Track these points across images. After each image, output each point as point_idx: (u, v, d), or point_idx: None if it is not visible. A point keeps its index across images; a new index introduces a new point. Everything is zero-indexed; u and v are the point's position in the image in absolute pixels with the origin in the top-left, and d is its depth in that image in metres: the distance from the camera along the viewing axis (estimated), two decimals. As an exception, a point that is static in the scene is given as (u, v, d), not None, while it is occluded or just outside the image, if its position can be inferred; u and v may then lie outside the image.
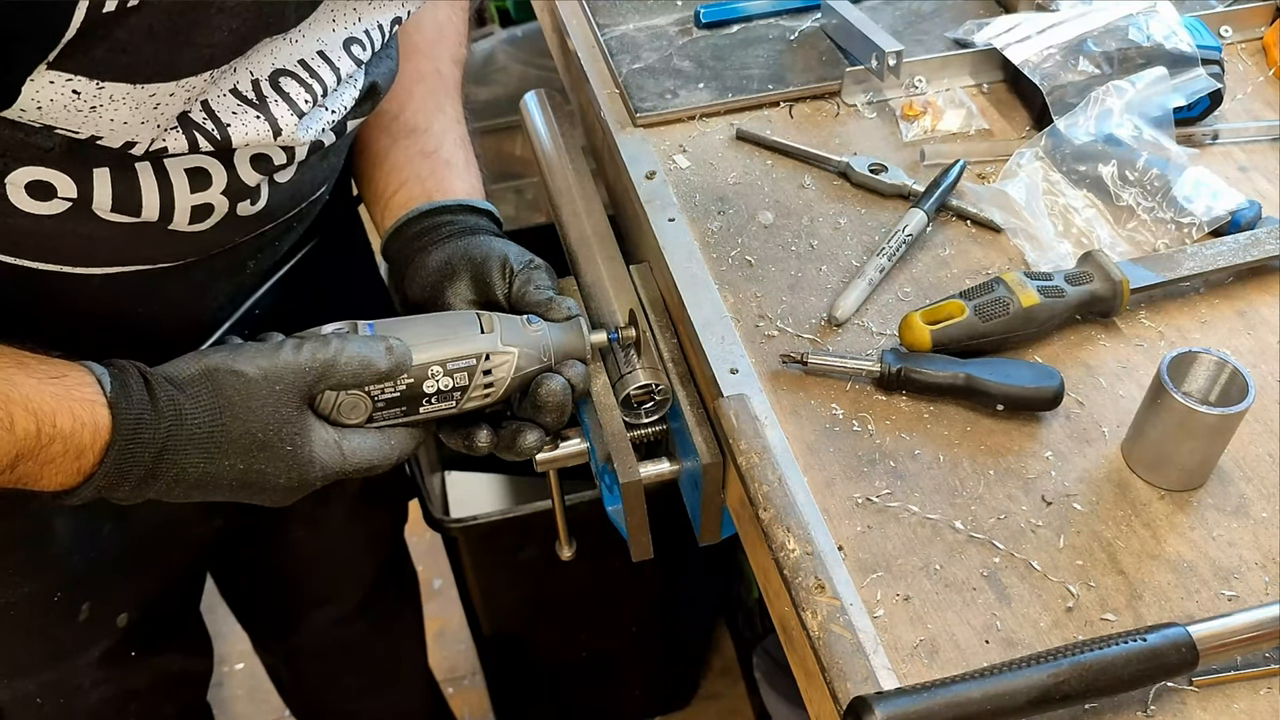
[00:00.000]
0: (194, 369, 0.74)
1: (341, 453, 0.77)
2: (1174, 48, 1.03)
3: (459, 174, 0.95)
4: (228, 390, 0.73)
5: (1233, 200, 0.95)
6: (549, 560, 1.00)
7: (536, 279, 0.85)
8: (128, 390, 0.71)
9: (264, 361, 0.74)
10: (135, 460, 0.71)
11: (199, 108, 0.72)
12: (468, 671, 2.00)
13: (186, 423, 0.72)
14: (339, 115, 0.82)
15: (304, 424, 0.75)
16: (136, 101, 0.67)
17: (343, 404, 0.77)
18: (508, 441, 0.83)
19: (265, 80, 0.75)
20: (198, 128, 0.72)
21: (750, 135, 1.05)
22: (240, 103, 0.74)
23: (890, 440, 0.80)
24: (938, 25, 1.16)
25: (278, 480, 0.76)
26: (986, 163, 1.03)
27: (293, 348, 0.75)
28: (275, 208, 0.85)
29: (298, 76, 0.77)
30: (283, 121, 0.76)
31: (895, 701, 0.61)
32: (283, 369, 0.74)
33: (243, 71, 0.74)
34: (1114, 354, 0.86)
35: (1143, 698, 0.67)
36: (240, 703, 1.97)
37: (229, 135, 0.74)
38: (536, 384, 0.81)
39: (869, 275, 0.90)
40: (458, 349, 0.79)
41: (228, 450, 0.73)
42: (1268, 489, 0.77)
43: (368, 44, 0.81)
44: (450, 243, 0.89)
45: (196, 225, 0.79)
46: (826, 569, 0.70)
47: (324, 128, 0.81)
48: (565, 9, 1.21)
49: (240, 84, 0.74)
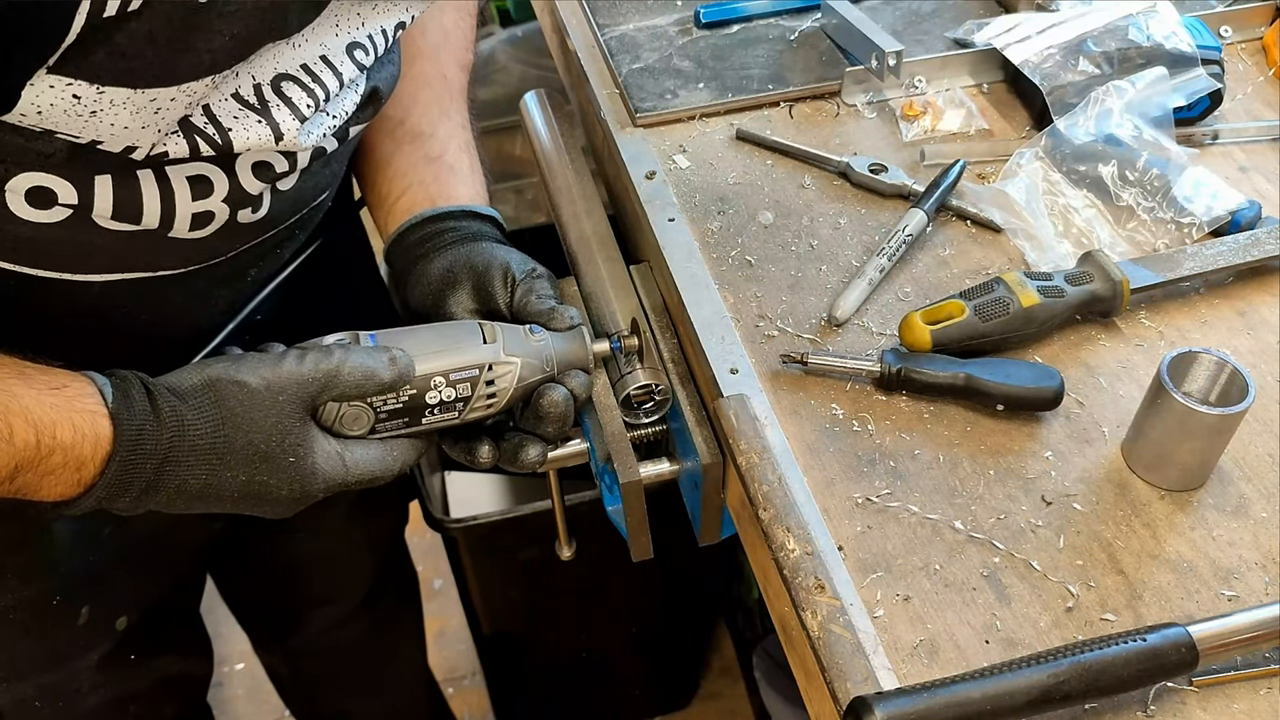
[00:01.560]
0: (196, 380, 0.74)
1: (344, 464, 0.77)
2: (1174, 48, 1.03)
3: (463, 179, 0.95)
4: (230, 401, 0.73)
5: (1233, 200, 0.95)
6: (549, 560, 1.00)
7: (539, 288, 0.85)
8: (129, 401, 0.71)
9: (267, 372, 0.74)
10: (137, 471, 0.71)
11: (200, 112, 0.72)
12: (468, 671, 2.00)
13: (189, 433, 0.72)
14: (340, 120, 0.82)
15: (306, 435, 0.75)
16: (137, 106, 0.67)
17: (345, 415, 0.76)
18: (509, 455, 0.83)
19: (267, 85, 0.75)
20: (199, 132, 0.72)
21: (750, 135, 1.05)
22: (242, 107, 0.74)
23: (890, 440, 0.80)
24: (938, 25, 1.16)
25: (279, 492, 0.76)
26: (986, 163, 1.03)
27: (295, 358, 0.75)
28: (277, 215, 0.85)
29: (300, 81, 0.76)
30: (284, 126, 0.76)
31: (895, 701, 0.61)
32: (286, 380, 0.74)
33: (244, 76, 0.74)
34: (1114, 354, 0.86)
35: (1143, 698, 0.67)
36: (240, 703, 1.97)
37: (230, 140, 0.74)
38: (539, 394, 0.81)
39: (869, 275, 0.90)
40: (460, 360, 0.78)
41: (230, 462, 0.73)
42: (1268, 489, 0.77)
43: (370, 49, 0.81)
44: (452, 250, 0.89)
45: (197, 232, 0.79)
46: (826, 569, 0.70)
47: (325, 133, 0.81)
48: (565, 9, 1.21)
49: (242, 88, 0.74)
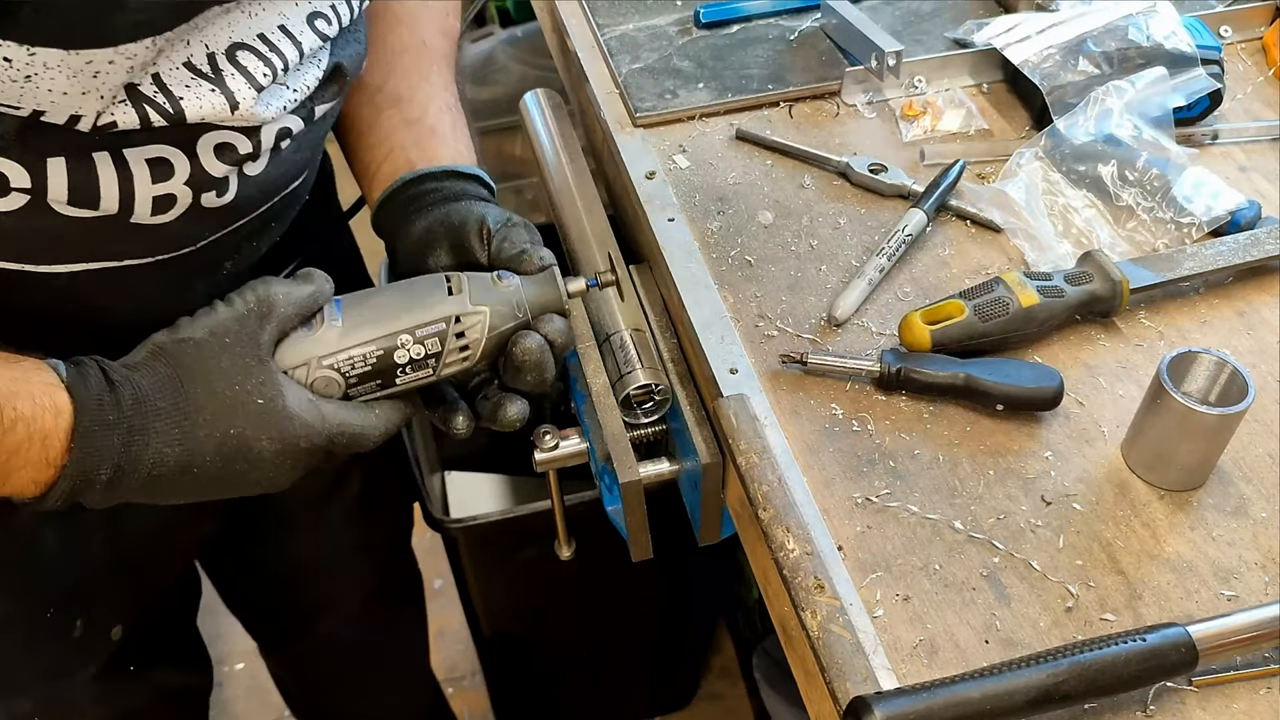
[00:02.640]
0: (143, 351, 0.74)
1: (320, 413, 0.75)
2: (1174, 48, 1.03)
3: (444, 141, 0.93)
4: (183, 358, 0.72)
5: (1232, 200, 0.95)
6: (549, 560, 1.00)
7: (513, 235, 0.84)
8: (85, 377, 0.71)
9: (207, 321, 0.74)
10: (104, 444, 0.70)
11: (149, 80, 0.71)
12: (468, 671, 2.00)
13: (150, 399, 0.71)
14: (301, 95, 0.80)
15: (269, 375, 0.74)
16: (73, 69, 0.66)
17: (316, 383, 0.76)
18: (489, 414, 0.82)
19: (221, 54, 0.74)
20: (148, 101, 0.71)
21: (750, 135, 1.05)
22: (194, 76, 0.73)
23: (890, 440, 0.80)
24: (938, 25, 1.16)
25: (260, 444, 0.73)
26: (986, 163, 1.03)
27: (226, 302, 0.75)
28: (245, 202, 0.83)
29: (256, 50, 0.75)
30: (240, 95, 0.75)
31: (895, 701, 0.61)
32: (227, 322, 0.74)
33: (197, 44, 0.73)
34: (1114, 354, 0.86)
35: (1142, 698, 0.67)
36: (240, 703, 1.97)
37: (182, 109, 0.72)
38: (512, 343, 0.79)
39: (869, 275, 0.90)
40: (425, 315, 0.77)
41: (198, 420, 0.72)
42: (1268, 489, 0.77)
43: (334, 18, 0.80)
44: (433, 210, 0.87)
45: (160, 217, 0.78)
46: (826, 569, 0.70)
47: (286, 106, 0.79)
48: (565, 9, 1.21)
49: (194, 57, 0.73)
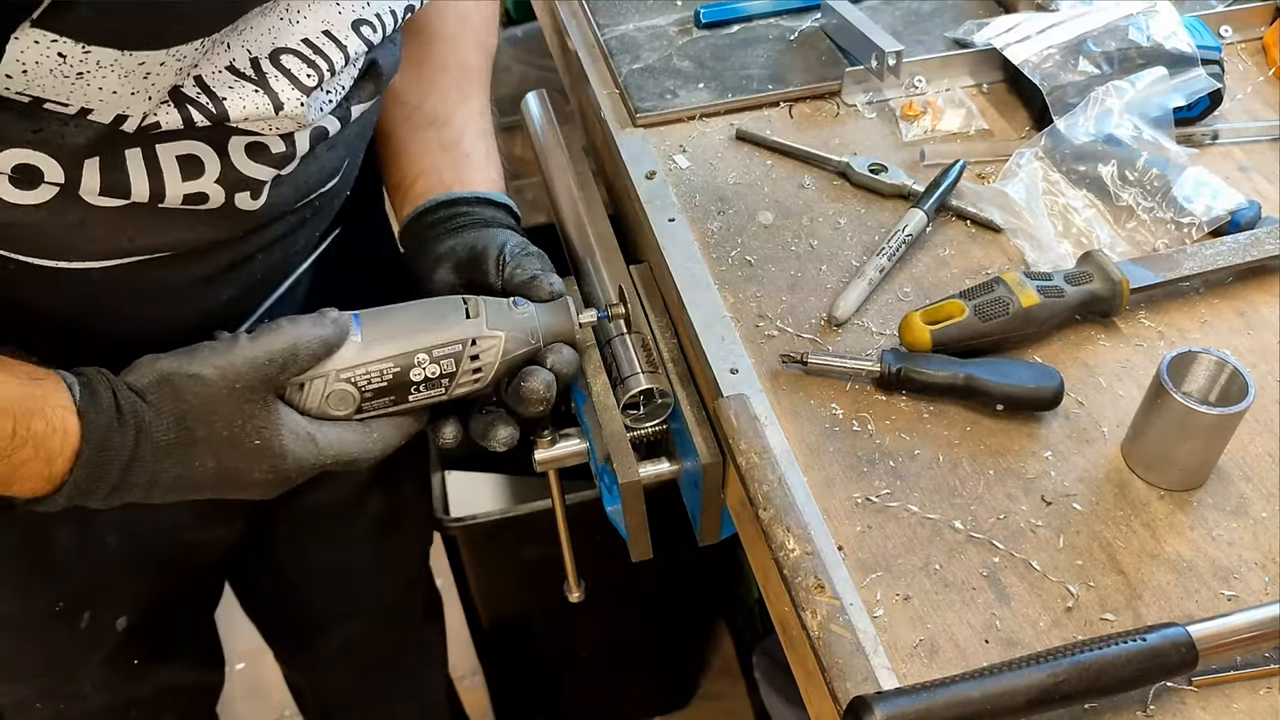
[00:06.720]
0: (152, 375, 0.73)
1: (315, 444, 0.76)
2: (1174, 48, 1.03)
3: (478, 167, 0.94)
4: (188, 395, 0.72)
5: (1233, 200, 0.95)
6: (549, 560, 1.00)
7: (525, 263, 0.85)
8: (97, 399, 0.71)
9: (220, 361, 0.73)
10: (104, 470, 0.71)
11: (192, 82, 0.71)
12: (468, 671, 2.00)
13: (152, 433, 0.72)
14: (336, 95, 0.81)
15: (270, 419, 0.74)
16: (125, 70, 0.66)
17: (331, 396, 0.77)
18: (480, 431, 0.83)
19: (265, 58, 0.74)
20: (191, 102, 0.71)
21: (750, 135, 1.05)
22: (237, 78, 0.73)
23: (890, 440, 0.80)
24: (938, 25, 1.16)
25: (251, 475, 0.75)
26: (986, 163, 1.03)
27: (247, 342, 0.75)
28: (279, 201, 0.83)
29: (300, 54, 0.75)
30: (284, 96, 0.74)
31: (895, 701, 0.61)
32: (241, 366, 0.73)
33: (239, 49, 0.73)
34: (1114, 354, 0.86)
35: (1142, 698, 0.67)
36: (240, 703, 1.97)
37: (225, 109, 0.72)
38: (521, 378, 0.80)
39: (869, 275, 0.90)
40: (443, 335, 0.78)
41: (195, 453, 0.73)
42: (1268, 489, 0.77)
43: (379, 27, 0.80)
44: (460, 234, 0.89)
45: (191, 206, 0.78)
46: (826, 569, 0.70)
47: (322, 106, 0.79)
48: (565, 9, 1.21)
49: (237, 60, 0.73)
